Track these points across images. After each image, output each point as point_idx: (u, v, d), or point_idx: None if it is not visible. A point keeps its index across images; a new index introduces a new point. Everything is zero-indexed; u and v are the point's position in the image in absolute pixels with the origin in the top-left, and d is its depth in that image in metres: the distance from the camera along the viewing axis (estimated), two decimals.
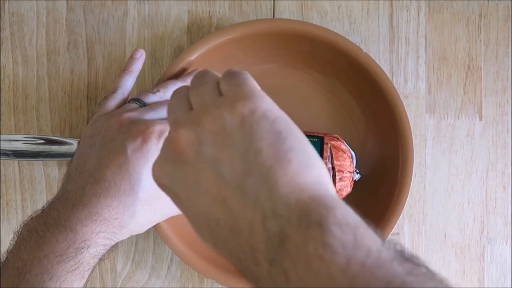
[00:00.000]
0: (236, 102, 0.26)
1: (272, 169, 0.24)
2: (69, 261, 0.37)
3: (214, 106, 0.27)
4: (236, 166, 0.25)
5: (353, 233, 0.22)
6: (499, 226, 0.52)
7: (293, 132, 0.26)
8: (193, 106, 0.29)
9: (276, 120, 0.26)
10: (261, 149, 0.25)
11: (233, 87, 0.28)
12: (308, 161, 0.26)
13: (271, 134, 0.25)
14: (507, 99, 0.52)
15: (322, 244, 0.22)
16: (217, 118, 0.26)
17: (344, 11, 0.52)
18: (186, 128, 0.27)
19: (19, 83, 0.52)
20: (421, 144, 0.52)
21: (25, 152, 0.47)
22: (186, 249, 0.47)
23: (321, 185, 0.25)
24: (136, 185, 0.40)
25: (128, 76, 0.47)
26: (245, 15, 0.52)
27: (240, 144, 0.25)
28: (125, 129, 0.41)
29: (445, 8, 0.53)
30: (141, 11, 0.52)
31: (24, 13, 0.52)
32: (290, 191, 0.24)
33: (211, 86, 0.29)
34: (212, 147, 0.26)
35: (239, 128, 0.26)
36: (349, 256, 0.21)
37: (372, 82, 0.48)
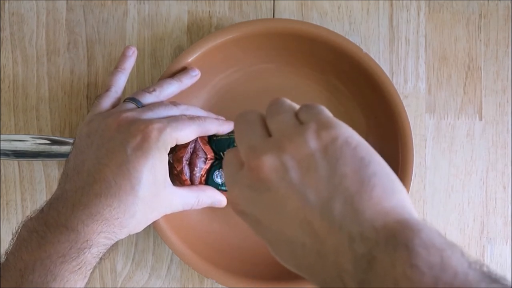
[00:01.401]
0: (319, 129, 0.28)
1: (358, 194, 0.26)
2: (72, 262, 0.37)
3: (297, 134, 0.28)
4: (321, 191, 0.26)
5: (440, 254, 0.23)
6: (499, 226, 0.52)
7: (375, 158, 0.27)
8: (273, 133, 0.30)
9: (357, 146, 0.27)
10: (346, 174, 0.26)
11: (313, 116, 0.29)
12: (391, 186, 0.27)
13: (354, 160, 0.27)
14: (507, 99, 0.52)
15: (410, 265, 0.23)
16: (301, 145, 0.27)
17: (344, 11, 0.52)
18: (269, 154, 0.28)
19: (19, 83, 0.52)
20: (421, 144, 0.52)
21: (25, 152, 0.47)
22: (186, 249, 0.47)
23: (405, 209, 0.26)
24: (137, 185, 0.40)
25: (121, 74, 0.47)
26: (245, 15, 0.52)
27: (324, 170, 0.26)
28: (124, 129, 0.41)
29: (445, 8, 0.53)
30: (141, 11, 0.52)
31: (24, 13, 0.52)
32: (376, 215, 0.25)
33: (291, 114, 0.30)
34: (297, 173, 0.27)
35: (323, 155, 0.27)
36: (437, 277, 0.22)
37: (372, 82, 0.48)
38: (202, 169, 0.46)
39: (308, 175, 0.26)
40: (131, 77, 0.52)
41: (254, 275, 0.48)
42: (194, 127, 0.43)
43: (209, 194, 0.46)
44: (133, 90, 0.52)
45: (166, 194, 0.42)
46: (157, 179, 0.41)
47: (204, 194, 0.46)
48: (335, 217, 0.25)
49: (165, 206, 0.43)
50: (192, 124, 0.43)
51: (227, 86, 0.51)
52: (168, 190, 0.42)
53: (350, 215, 0.25)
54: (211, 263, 0.47)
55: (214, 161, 0.47)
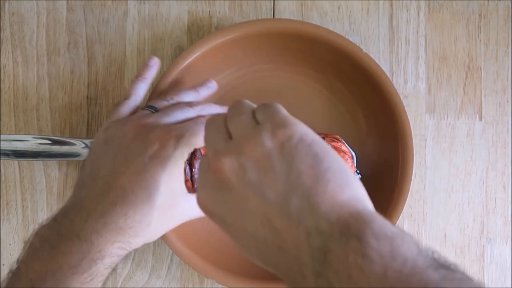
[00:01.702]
0: (274, 129, 0.28)
1: (313, 189, 0.26)
2: (84, 273, 0.36)
3: (254, 134, 0.29)
4: (279, 188, 0.27)
5: (390, 243, 0.24)
6: (499, 226, 0.52)
7: (329, 154, 0.28)
8: (233, 135, 0.31)
9: (312, 143, 0.28)
10: (301, 171, 0.27)
11: (269, 116, 0.30)
12: (345, 180, 0.27)
13: (309, 157, 0.27)
14: (507, 99, 0.52)
15: (361, 255, 0.24)
16: (258, 145, 0.28)
17: (344, 11, 0.52)
18: (228, 157, 0.29)
19: (19, 83, 0.52)
20: (421, 144, 0.52)
21: (25, 152, 0.47)
22: (186, 249, 0.47)
23: (359, 201, 0.27)
24: (154, 193, 0.39)
25: (142, 83, 0.46)
26: (245, 15, 0.52)
27: (281, 168, 0.27)
28: (142, 136, 0.40)
29: (445, 8, 0.53)
30: (141, 11, 0.52)
31: (24, 13, 0.52)
32: (330, 209, 0.26)
33: (248, 116, 0.31)
34: (255, 173, 0.28)
35: (279, 153, 0.28)
36: (386, 265, 0.23)
37: (372, 82, 0.48)
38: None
39: (265, 175, 0.27)
40: (131, 77, 0.52)
41: (254, 275, 0.48)
42: None
43: None
44: None
45: (182, 203, 0.42)
46: (174, 188, 0.41)
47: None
48: (292, 213, 0.26)
49: (183, 214, 0.43)
50: None
51: (227, 86, 0.52)
52: (184, 198, 0.42)
53: (306, 210, 0.26)
54: (211, 263, 0.47)
55: None
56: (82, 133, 0.52)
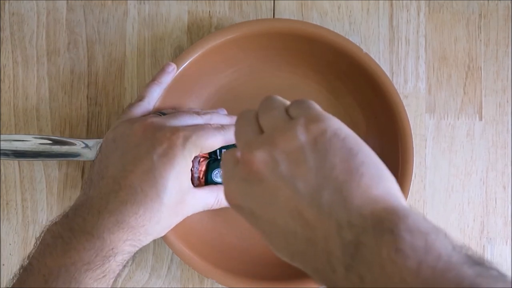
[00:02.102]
0: (308, 123, 0.28)
1: (346, 183, 0.26)
2: (97, 270, 0.37)
3: (287, 128, 0.29)
4: (311, 181, 0.27)
5: (424, 238, 0.24)
6: (499, 226, 0.52)
7: (363, 148, 0.28)
8: (264, 129, 0.31)
9: (346, 137, 0.28)
10: (335, 165, 0.27)
11: (303, 111, 0.30)
12: (379, 174, 0.27)
13: (343, 151, 0.27)
14: (507, 99, 0.52)
15: (395, 249, 0.23)
16: (291, 138, 0.28)
17: (344, 11, 0.52)
18: (261, 149, 0.29)
19: (19, 83, 0.52)
20: (421, 144, 0.52)
21: (25, 152, 0.47)
22: (186, 249, 0.47)
23: (393, 196, 0.27)
24: (162, 192, 0.40)
25: (157, 87, 0.47)
26: (245, 15, 0.52)
27: (314, 161, 0.27)
28: (150, 135, 0.41)
29: (445, 8, 0.53)
30: (141, 11, 0.52)
31: (24, 13, 0.52)
32: (363, 203, 0.26)
33: (281, 110, 0.31)
34: (287, 165, 0.28)
35: (313, 147, 0.28)
36: (420, 260, 0.23)
37: (372, 82, 0.48)
38: (198, 169, 0.46)
39: (298, 167, 0.27)
40: (131, 78, 0.52)
41: (254, 275, 0.48)
42: (219, 137, 0.43)
43: None
44: (133, 90, 0.52)
45: (189, 198, 0.43)
46: (182, 186, 0.41)
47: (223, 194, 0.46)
48: (324, 205, 0.26)
49: (188, 209, 0.44)
50: (217, 134, 0.43)
51: (227, 86, 0.52)
52: (190, 194, 0.43)
53: (338, 203, 0.26)
54: (211, 263, 0.47)
55: (209, 160, 0.47)
56: (82, 133, 0.52)
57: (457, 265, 0.23)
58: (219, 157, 0.48)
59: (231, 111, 0.50)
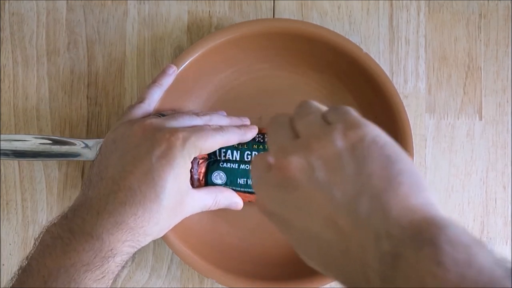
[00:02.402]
0: (346, 129, 0.28)
1: (384, 192, 0.26)
2: (96, 271, 0.37)
3: (324, 134, 0.28)
4: (348, 189, 0.26)
5: (466, 251, 0.23)
6: (499, 226, 0.52)
7: (401, 156, 0.27)
8: (300, 134, 0.30)
9: (385, 145, 0.27)
10: (373, 172, 0.26)
11: (340, 117, 0.29)
12: (418, 183, 0.27)
13: (382, 158, 0.27)
14: (507, 99, 0.52)
15: (436, 262, 0.23)
16: (328, 144, 0.28)
17: (344, 11, 0.52)
18: (296, 154, 0.28)
19: (19, 83, 0.52)
20: (421, 144, 0.52)
21: (25, 152, 0.47)
22: (186, 249, 0.47)
23: (432, 206, 0.26)
24: (161, 193, 0.40)
25: (157, 89, 0.47)
26: (245, 15, 0.52)
27: (351, 168, 0.27)
28: (150, 136, 0.41)
29: (445, 8, 0.53)
30: (141, 11, 0.52)
31: (24, 13, 0.52)
32: (402, 213, 0.25)
33: (318, 116, 0.30)
34: (324, 172, 0.27)
35: (350, 154, 0.27)
36: (462, 274, 0.22)
37: (372, 82, 0.48)
38: (197, 171, 0.46)
39: (334, 174, 0.27)
40: (131, 78, 0.52)
41: (254, 275, 0.48)
42: (218, 138, 0.43)
43: (226, 195, 0.46)
44: (133, 90, 0.52)
45: (188, 199, 0.43)
46: (181, 187, 0.41)
47: (221, 195, 0.46)
48: (361, 214, 0.25)
49: (186, 210, 0.44)
50: (216, 135, 0.43)
51: (227, 86, 0.51)
52: (189, 195, 0.43)
53: (376, 212, 0.25)
54: (211, 263, 0.47)
55: (209, 162, 0.47)
56: (82, 133, 0.52)
57: (501, 280, 0.22)
58: (218, 158, 0.47)
59: (231, 111, 0.50)
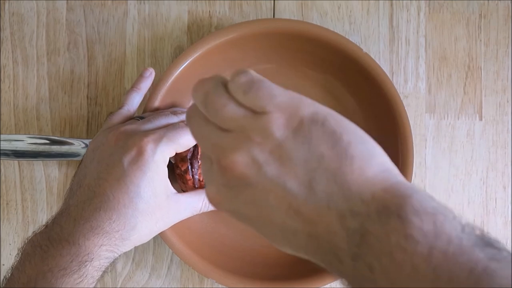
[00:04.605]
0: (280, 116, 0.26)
1: (339, 171, 0.25)
2: (73, 275, 0.37)
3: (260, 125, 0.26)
4: (301, 177, 0.25)
5: (433, 221, 0.23)
6: (499, 226, 0.52)
7: (346, 126, 0.27)
8: (227, 127, 0.27)
9: (325, 121, 0.26)
10: (322, 154, 0.25)
11: (263, 101, 0.26)
12: (369, 151, 0.26)
13: (326, 136, 0.26)
14: (507, 99, 0.52)
15: (404, 235, 0.22)
16: (267, 136, 0.26)
17: (344, 11, 0.52)
18: (237, 152, 0.26)
19: (19, 83, 0.52)
20: (421, 144, 0.52)
21: (25, 152, 0.47)
22: (186, 249, 0.47)
23: (389, 172, 0.26)
24: (135, 197, 0.40)
25: (136, 94, 0.47)
26: (245, 15, 0.52)
27: (299, 155, 0.25)
28: (122, 143, 0.41)
29: (445, 8, 0.53)
30: (141, 11, 0.52)
31: (24, 13, 0.52)
32: (362, 187, 0.24)
33: (234, 105, 0.27)
34: (272, 166, 0.26)
35: (294, 140, 0.26)
36: (431, 245, 0.22)
37: (372, 82, 0.48)
38: (197, 171, 0.46)
39: (283, 166, 0.25)
40: (131, 78, 0.52)
41: (254, 275, 0.48)
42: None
43: None
44: None
45: (171, 204, 0.43)
46: (156, 191, 0.41)
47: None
48: (321, 198, 0.25)
49: (172, 215, 0.43)
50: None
51: None
52: (172, 200, 0.43)
53: (336, 193, 0.25)
54: (211, 263, 0.47)
55: None
56: (82, 133, 0.52)
57: (468, 248, 0.22)
58: None
59: None
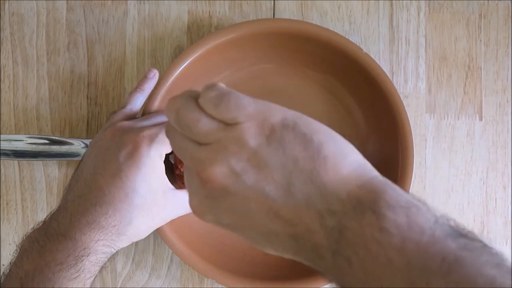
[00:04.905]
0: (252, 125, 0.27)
1: (314, 171, 0.26)
2: (70, 269, 0.37)
3: (233, 137, 0.27)
4: (279, 181, 0.26)
5: (406, 213, 0.24)
6: (499, 226, 0.52)
7: (316, 128, 0.27)
8: (205, 141, 0.28)
9: (295, 125, 0.27)
10: (296, 157, 0.26)
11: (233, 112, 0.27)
12: (341, 150, 0.27)
13: (298, 139, 0.27)
14: (507, 99, 0.52)
15: (378, 229, 0.24)
16: (242, 146, 0.27)
17: (344, 11, 0.52)
18: (215, 164, 0.27)
19: (19, 83, 0.52)
20: (421, 144, 0.52)
21: (25, 152, 0.47)
22: (186, 249, 0.47)
23: (363, 168, 0.27)
24: (130, 193, 0.40)
25: (139, 94, 0.47)
26: (245, 15, 0.52)
27: (275, 161, 0.26)
28: (118, 138, 0.42)
29: (445, 8, 0.53)
30: (141, 11, 0.52)
31: (24, 13, 0.52)
32: (337, 186, 0.26)
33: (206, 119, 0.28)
34: (249, 173, 0.27)
35: (268, 147, 0.27)
36: (404, 237, 0.23)
37: (372, 82, 0.48)
38: None
39: (260, 172, 0.27)
40: (131, 78, 0.52)
41: (254, 275, 0.48)
42: None
43: None
44: None
45: (167, 200, 0.43)
46: (152, 187, 0.41)
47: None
48: (299, 200, 0.26)
49: (169, 211, 0.43)
50: None
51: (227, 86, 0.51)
52: (169, 196, 0.43)
53: (313, 194, 0.26)
54: (211, 263, 0.47)
55: None
56: (82, 133, 0.52)
57: (441, 239, 0.23)
58: None
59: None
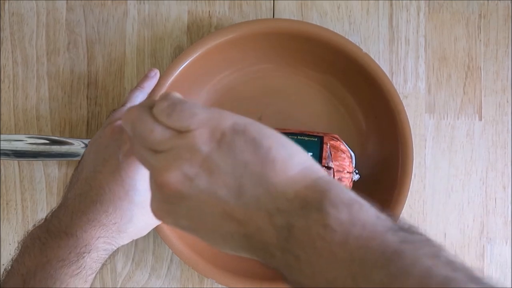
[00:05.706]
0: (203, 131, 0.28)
1: (263, 174, 0.27)
2: (72, 266, 0.37)
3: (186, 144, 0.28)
4: (230, 184, 0.28)
5: (348, 210, 0.25)
6: (499, 226, 0.52)
7: (265, 133, 0.29)
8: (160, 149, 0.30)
9: (245, 129, 0.28)
10: (246, 161, 0.28)
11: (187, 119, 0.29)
12: (289, 153, 0.28)
13: (247, 144, 0.28)
14: (507, 99, 0.52)
15: (323, 226, 0.25)
16: (194, 152, 0.28)
17: (344, 11, 0.52)
18: (170, 170, 0.28)
19: (19, 83, 0.52)
20: (421, 144, 0.52)
21: (25, 152, 0.47)
22: (186, 249, 0.47)
23: (310, 170, 0.28)
24: (130, 190, 0.40)
25: (139, 92, 0.47)
26: (245, 15, 0.52)
27: (226, 165, 0.28)
28: (117, 136, 0.42)
29: (445, 8, 0.53)
30: (141, 11, 0.52)
31: (24, 13, 0.52)
32: (285, 187, 0.27)
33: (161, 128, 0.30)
34: (202, 178, 0.28)
35: (219, 152, 0.28)
36: (347, 232, 0.24)
37: (372, 82, 0.48)
38: None
39: (212, 176, 0.28)
40: (131, 78, 0.52)
41: (254, 275, 0.48)
42: None
43: None
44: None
45: None
46: None
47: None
48: (250, 201, 0.27)
49: None
50: None
51: (227, 86, 0.51)
52: None
53: (263, 195, 0.27)
54: (211, 263, 0.47)
55: None
56: (82, 133, 0.52)
57: (381, 233, 0.24)
58: None
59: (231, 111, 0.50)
